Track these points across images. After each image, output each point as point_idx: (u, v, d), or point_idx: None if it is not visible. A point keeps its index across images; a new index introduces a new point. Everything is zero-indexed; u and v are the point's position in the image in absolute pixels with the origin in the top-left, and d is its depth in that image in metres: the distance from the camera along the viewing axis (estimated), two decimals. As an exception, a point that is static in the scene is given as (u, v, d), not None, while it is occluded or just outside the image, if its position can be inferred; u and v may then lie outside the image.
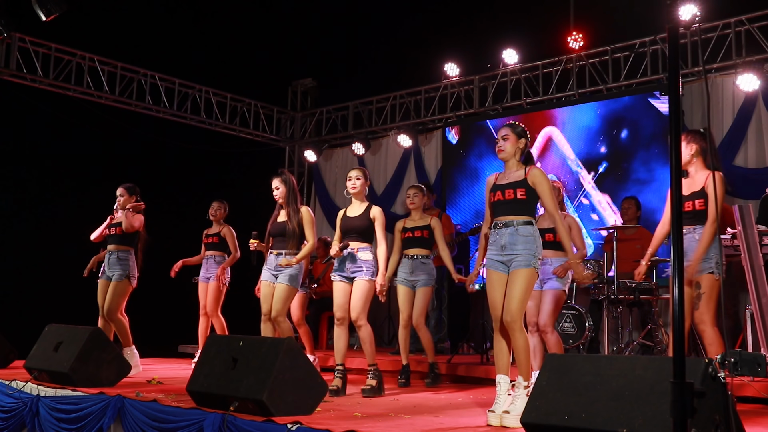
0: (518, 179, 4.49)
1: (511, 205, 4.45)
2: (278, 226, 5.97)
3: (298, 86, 12.52)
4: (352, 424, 3.96)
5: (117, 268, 6.87)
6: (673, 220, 2.56)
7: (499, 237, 4.45)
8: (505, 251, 4.41)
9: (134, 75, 10.32)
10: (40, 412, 5.16)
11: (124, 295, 6.89)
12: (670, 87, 2.65)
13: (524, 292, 4.35)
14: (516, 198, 4.44)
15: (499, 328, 4.42)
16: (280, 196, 5.99)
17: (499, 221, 4.48)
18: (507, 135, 4.57)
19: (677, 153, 2.59)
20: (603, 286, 7.23)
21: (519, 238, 4.39)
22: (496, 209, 4.52)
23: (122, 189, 7.08)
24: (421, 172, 10.84)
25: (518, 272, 4.36)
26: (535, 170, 4.50)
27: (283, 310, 5.81)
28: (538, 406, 3.46)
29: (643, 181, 8.68)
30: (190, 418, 4.22)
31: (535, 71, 9.99)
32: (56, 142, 9.68)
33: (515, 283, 4.36)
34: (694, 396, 2.40)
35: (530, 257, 4.36)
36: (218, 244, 7.78)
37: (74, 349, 5.63)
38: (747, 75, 7.92)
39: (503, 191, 4.50)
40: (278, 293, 5.81)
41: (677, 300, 2.50)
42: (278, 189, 6.00)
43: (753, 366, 3.12)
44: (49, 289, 8.76)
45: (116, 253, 6.93)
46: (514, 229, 4.40)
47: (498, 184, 4.56)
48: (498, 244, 4.45)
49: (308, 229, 5.92)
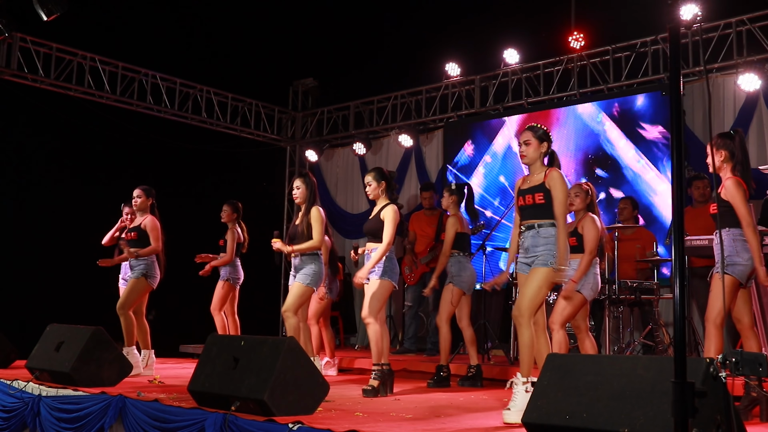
0: (537, 183, 4.61)
1: (533, 209, 4.58)
2: (294, 228, 6.08)
3: (299, 86, 12.52)
4: (353, 424, 3.96)
5: (137, 268, 6.85)
6: (675, 222, 2.56)
7: (524, 240, 4.60)
8: (528, 253, 4.56)
9: (135, 75, 10.32)
10: (41, 412, 5.17)
11: (140, 293, 6.86)
12: (671, 87, 2.65)
13: (536, 289, 4.45)
14: (535, 203, 4.56)
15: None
16: (299, 196, 6.05)
17: (524, 225, 4.63)
18: (529, 140, 4.64)
19: (679, 152, 2.59)
20: (604, 286, 7.22)
21: (540, 240, 4.52)
22: (522, 214, 4.67)
23: (139, 190, 7.04)
24: (422, 172, 10.85)
25: (535, 270, 4.49)
26: (553, 173, 4.58)
27: (292, 306, 5.84)
28: (540, 405, 3.46)
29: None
30: (192, 418, 4.23)
31: (536, 71, 9.99)
32: (57, 143, 9.68)
33: (530, 279, 4.49)
34: (696, 396, 2.40)
35: (549, 256, 4.46)
36: (223, 246, 7.87)
37: (76, 349, 5.63)
38: (748, 75, 7.92)
39: (524, 196, 4.64)
40: (292, 290, 5.95)
41: (678, 300, 2.50)
42: (298, 189, 6.06)
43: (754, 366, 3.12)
44: (50, 289, 8.76)
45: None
46: (536, 231, 4.54)
47: (522, 189, 4.69)
48: (523, 246, 4.61)
49: (315, 227, 5.95)
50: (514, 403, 4.24)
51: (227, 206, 7.92)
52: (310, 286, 5.93)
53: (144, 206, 6.99)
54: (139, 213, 7.03)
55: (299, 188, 6.05)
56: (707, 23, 8.44)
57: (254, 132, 11.88)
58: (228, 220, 7.89)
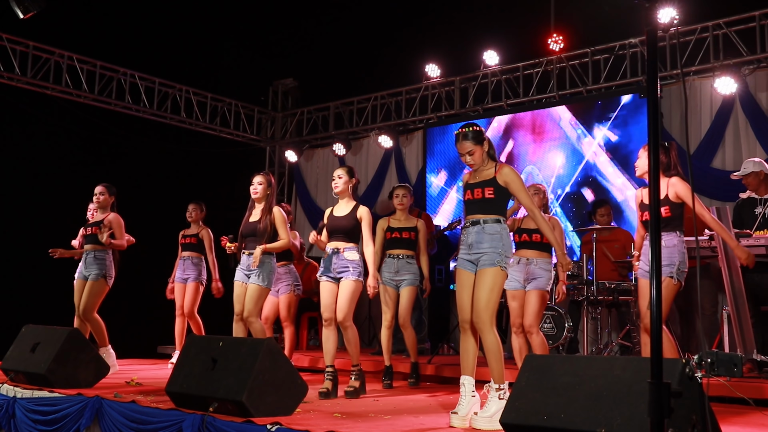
0: (487, 178, 4.47)
1: (480, 204, 4.43)
2: (250, 225, 5.92)
3: (279, 86, 12.50)
4: (332, 425, 3.95)
5: (94, 267, 6.80)
6: (652, 222, 2.58)
7: (468, 236, 4.44)
8: (472, 250, 4.40)
9: (114, 74, 10.25)
10: (16, 413, 5.11)
11: (100, 294, 6.83)
12: (649, 89, 2.67)
13: (490, 292, 4.29)
14: (484, 197, 4.42)
15: (466, 328, 4.41)
16: (258, 192, 5.94)
17: (469, 220, 4.47)
18: (472, 150, 4.46)
19: (656, 155, 2.61)
20: (582, 287, 7.27)
21: (485, 236, 4.36)
22: (468, 208, 4.52)
23: (102, 187, 7.03)
24: (402, 173, 10.86)
25: (484, 272, 4.33)
26: (505, 169, 4.45)
27: (254, 311, 5.74)
28: (518, 406, 3.47)
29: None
30: (169, 419, 4.20)
31: (515, 73, 10.03)
32: (34, 142, 9.58)
33: (481, 282, 4.32)
34: (672, 396, 2.42)
35: (495, 255, 4.33)
36: (195, 245, 7.78)
37: (52, 350, 5.57)
38: (724, 78, 8.00)
39: (473, 190, 4.48)
40: (250, 293, 5.75)
41: (655, 301, 2.52)
42: (260, 185, 5.95)
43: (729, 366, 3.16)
44: (26, 289, 8.67)
45: (93, 252, 6.86)
46: (481, 227, 4.38)
47: (469, 183, 4.54)
48: (466, 242, 4.44)
49: (281, 228, 5.87)
50: (487, 410, 4.13)
51: (198, 205, 7.90)
52: (267, 287, 5.85)
53: (106, 203, 6.99)
54: (100, 210, 7.01)
55: (261, 184, 5.94)
56: (684, 27, 8.52)
57: (234, 132, 11.84)
58: (199, 218, 7.88)
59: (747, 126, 8.10)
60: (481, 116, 10.13)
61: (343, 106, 11.68)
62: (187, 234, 7.84)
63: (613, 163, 8.87)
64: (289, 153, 11.76)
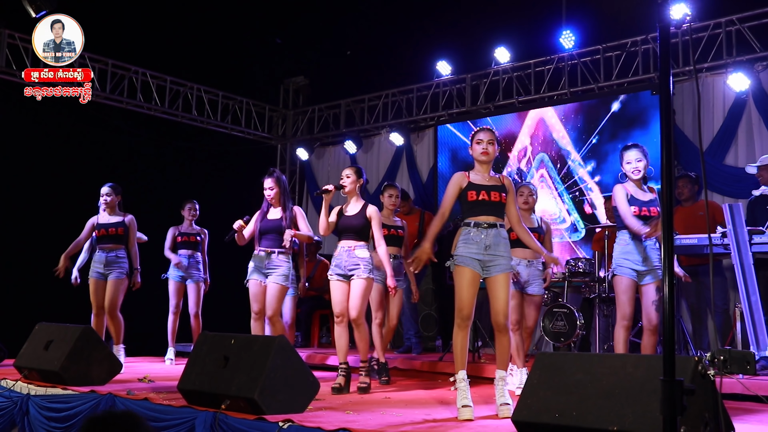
0: (498, 183, 4.64)
1: (496, 207, 4.58)
2: (270, 223, 5.96)
3: (290, 84, 12.51)
4: (344, 422, 3.95)
5: (116, 266, 6.92)
6: (664, 221, 2.57)
7: (485, 237, 4.51)
8: (488, 251, 4.51)
9: (125, 72, 10.28)
10: (30, 411, 5.15)
11: (124, 291, 7.02)
12: (661, 86, 2.66)
13: (509, 295, 4.60)
14: (500, 201, 4.59)
15: (465, 326, 4.52)
16: (274, 197, 6.01)
17: (483, 221, 4.54)
18: (492, 140, 4.66)
19: (668, 153, 2.59)
20: (594, 285, 7.25)
21: (501, 241, 4.56)
22: (478, 208, 4.57)
23: (108, 188, 7.12)
24: (413, 171, 10.84)
25: (504, 276, 4.54)
26: (508, 179, 4.73)
27: (279, 309, 5.87)
28: (529, 404, 3.47)
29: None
30: (182, 417, 4.22)
31: (527, 70, 10.00)
32: (46, 140, 9.62)
33: (503, 287, 4.54)
34: (684, 394, 2.41)
35: (509, 260, 4.60)
36: (193, 243, 7.92)
37: (65, 348, 5.61)
38: (737, 74, 7.95)
39: (488, 192, 4.56)
40: (272, 293, 5.83)
41: (667, 298, 2.51)
42: (273, 190, 6.01)
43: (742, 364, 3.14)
44: (39, 287, 8.71)
45: (115, 252, 6.97)
46: (497, 231, 4.55)
47: (478, 184, 4.60)
48: (482, 243, 4.51)
49: (302, 223, 6.04)
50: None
51: (193, 203, 8.00)
52: (287, 285, 5.94)
53: (114, 204, 7.09)
54: (108, 209, 7.08)
55: (273, 189, 6.02)
56: (697, 23, 8.47)
57: (245, 130, 11.86)
58: (195, 217, 7.99)
59: (760, 122, 8.04)
60: (492, 113, 10.10)
61: (354, 104, 11.68)
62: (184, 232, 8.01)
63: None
64: (300, 151, 11.77)
